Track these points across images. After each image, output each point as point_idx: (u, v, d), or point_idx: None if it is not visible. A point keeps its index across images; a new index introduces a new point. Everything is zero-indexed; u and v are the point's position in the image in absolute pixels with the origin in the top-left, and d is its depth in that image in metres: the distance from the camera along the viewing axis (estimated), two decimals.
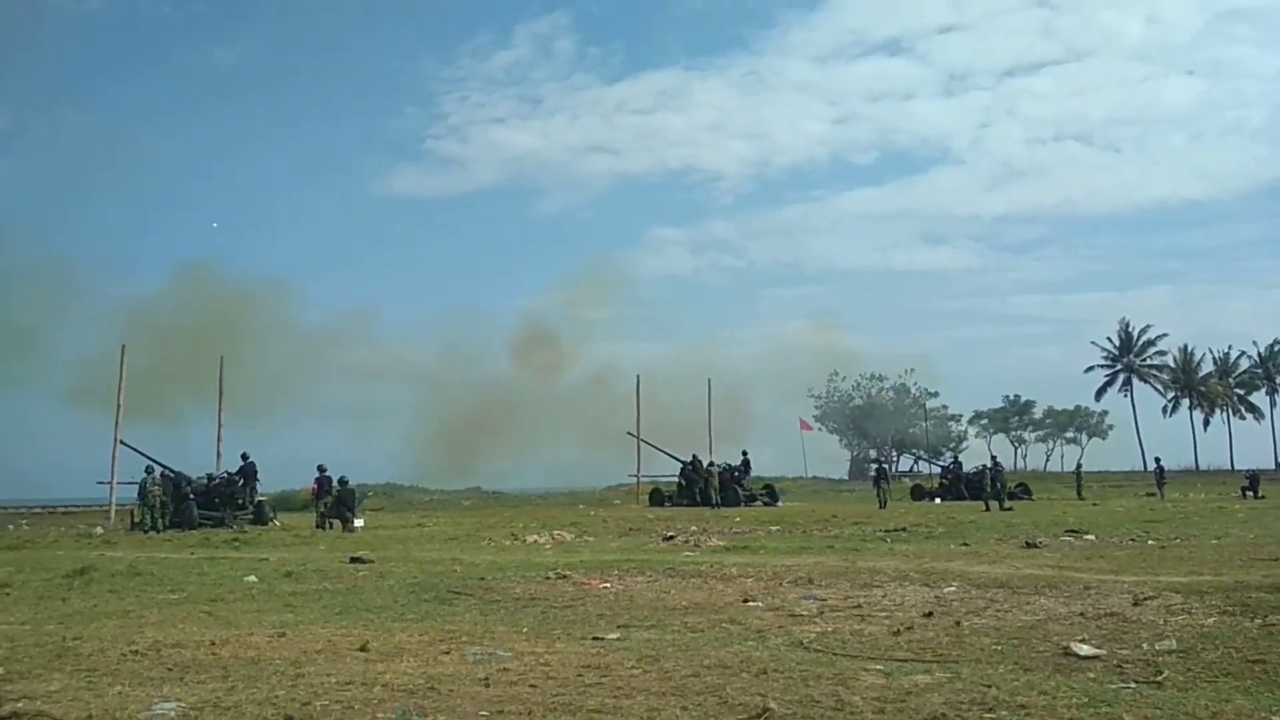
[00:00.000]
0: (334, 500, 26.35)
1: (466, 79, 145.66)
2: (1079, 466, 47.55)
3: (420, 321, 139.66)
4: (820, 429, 79.73)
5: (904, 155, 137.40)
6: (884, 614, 8.68)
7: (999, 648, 6.99)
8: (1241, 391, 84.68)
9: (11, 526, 30.18)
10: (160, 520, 26.49)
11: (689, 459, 40.70)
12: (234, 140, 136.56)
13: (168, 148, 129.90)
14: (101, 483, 30.43)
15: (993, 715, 5.16)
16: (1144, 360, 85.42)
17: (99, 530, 26.53)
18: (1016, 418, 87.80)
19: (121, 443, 29.76)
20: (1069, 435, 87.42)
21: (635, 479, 43.17)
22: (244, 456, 29.97)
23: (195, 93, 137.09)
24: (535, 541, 19.13)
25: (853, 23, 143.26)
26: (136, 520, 27.44)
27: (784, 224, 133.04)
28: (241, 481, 29.02)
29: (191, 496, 27.87)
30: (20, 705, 5.59)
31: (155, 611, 9.53)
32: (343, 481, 26.81)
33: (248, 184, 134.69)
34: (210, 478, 29.40)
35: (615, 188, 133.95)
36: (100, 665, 6.78)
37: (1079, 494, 40.73)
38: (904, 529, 20.19)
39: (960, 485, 41.88)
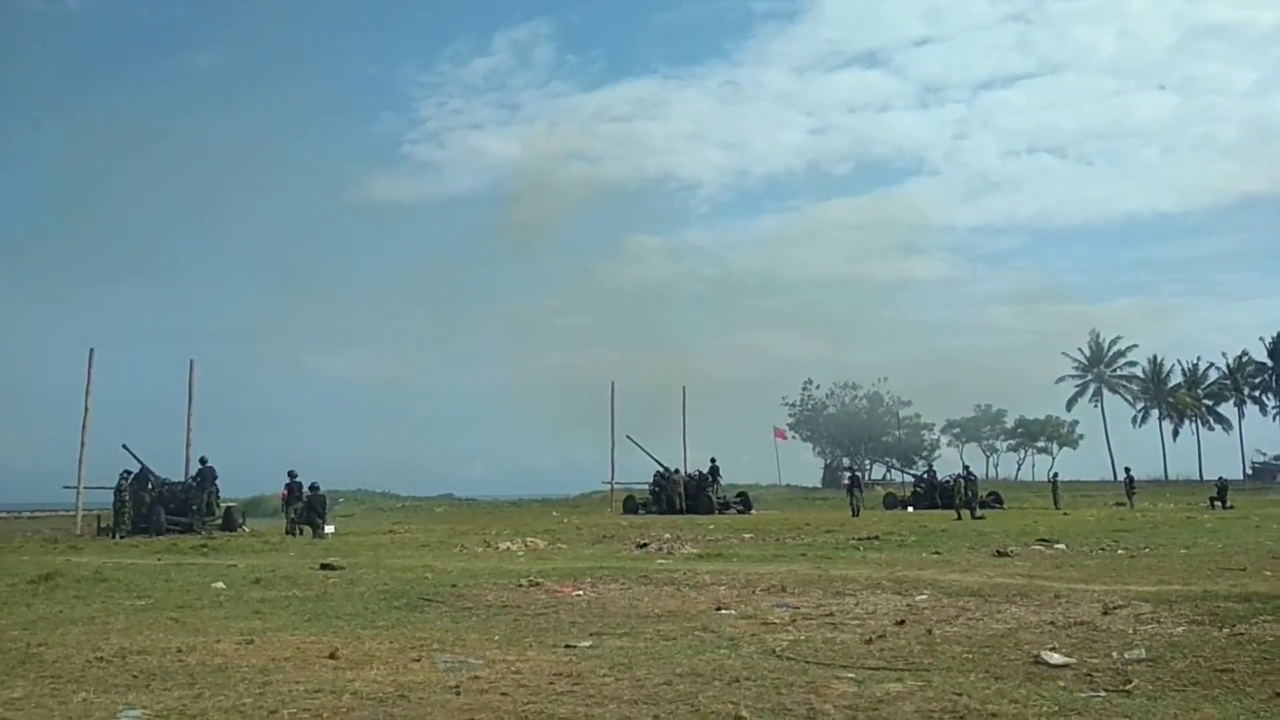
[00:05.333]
0: (304, 506, 26.12)
1: (445, 84, 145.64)
2: (1055, 477, 47.83)
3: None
4: (794, 437, 79.86)
5: (880, 166, 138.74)
6: (856, 622, 8.70)
7: (970, 656, 7.01)
8: (1210, 402, 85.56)
9: None
10: (123, 526, 26.16)
11: (672, 467, 40.68)
12: (212, 143, 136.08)
13: (145, 150, 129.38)
14: (68, 487, 29.98)
15: None
16: (1114, 371, 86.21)
17: (78, 533, 26.32)
18: (988, 427, 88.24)
19: (124, 447, 29.37)
20: (1040, 444, 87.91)
21: (609, 486, 43.04)
22: (202, 460, 29.61)
23: (174, 96, 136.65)
24: (508, 548, 19.04)
25: (831, 35, 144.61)
26: (103, 525, 27.10)
27: (761, 233, 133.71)
28: (197, 486, 28.65)
29: (158, 502, 27.54)
30: None
31: (121, 618, 9.42)
32: (313, 488, 26.58)
33: (226, 187, 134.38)
34: (164, 482, 28.98)
35: (593, 195, 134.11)
36: (65, 672, 6.70)
37: (1056, 504, 40.95)
38: (876, 537, 20.25)
39: (934, 494, 42.07)
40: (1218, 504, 36.76)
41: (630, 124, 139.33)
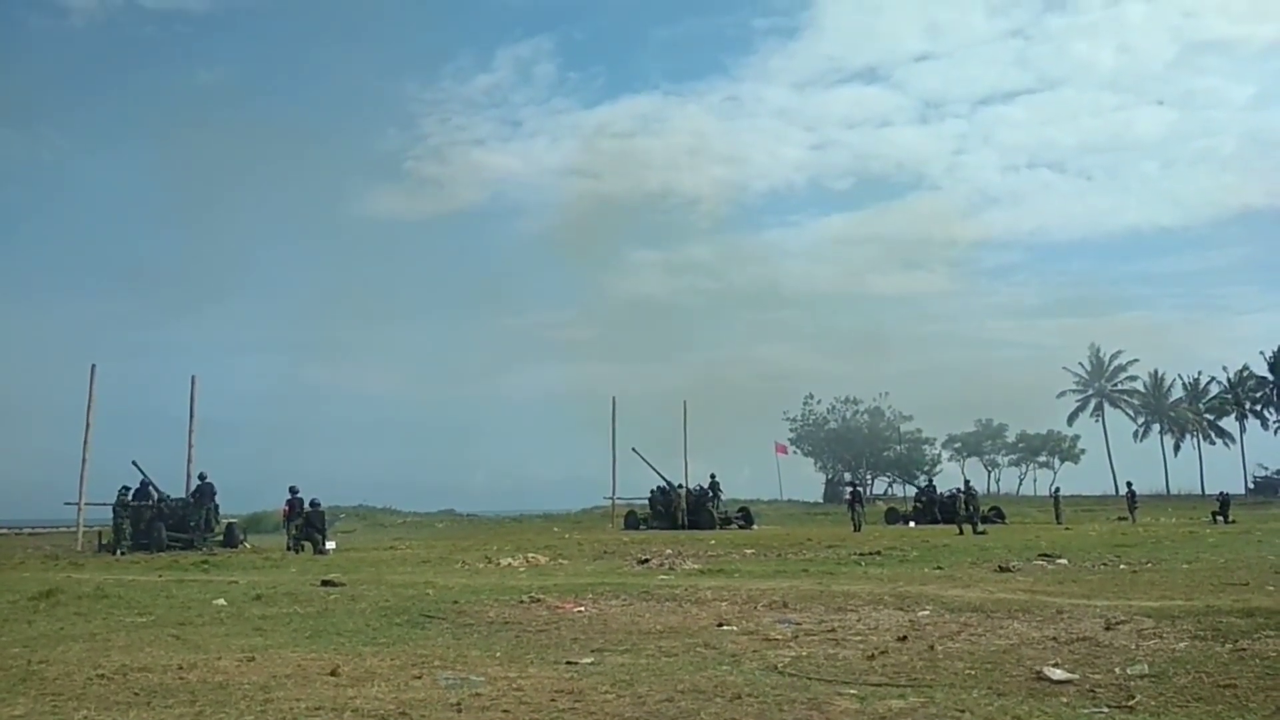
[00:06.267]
0: (303, 522, 26.08)
1: (447, 101, 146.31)
2: (1057, 491, 47.73)
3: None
4: (795, 452, 79.78)
5: (880, 181, 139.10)
6: (858, 638, 8.68)
7: (972, 672, 6.99)
8: (1211, 417, 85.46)
9: None
10: (124, 542, 26.12)
11: (675, 481, 40.65)
12: (215, 159, 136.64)
13: (147, 165, 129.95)
14: (69, 503, 29.96)
15: None
16: (1115, 385, 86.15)
17: (79, 549, 26.32)
18: (989, 441, 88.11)
19: (133, 463, 29.36)
20: (1041, 459, 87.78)
21: (611, 501, 42.96)
22: (201, 476, 29.60)
23: (177, 111, 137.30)
24: (509, 564, 19.00)
25: (831, 51, 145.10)
26: (104, 542, 27.06)
27: (761, 248, 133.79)
28: (195, 502, 28.62)
29: (158, 518, 27.50)
30: None
31: (122, 635, 9.40)
32: (313, 504, 26.54)
33: (228, 203, 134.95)
34: (165, 499, 28.94)
35: (594, 210, 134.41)
36: (66, 689, 6.69)
37: (1057, 519, 40.85)
38: (878, 552, 20.21)
39: (934, 508, 41.98)
40: (1220, 518, 36.67)
41: (631, 140, 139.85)
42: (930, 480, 58.50)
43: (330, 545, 25.66)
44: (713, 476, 40.23)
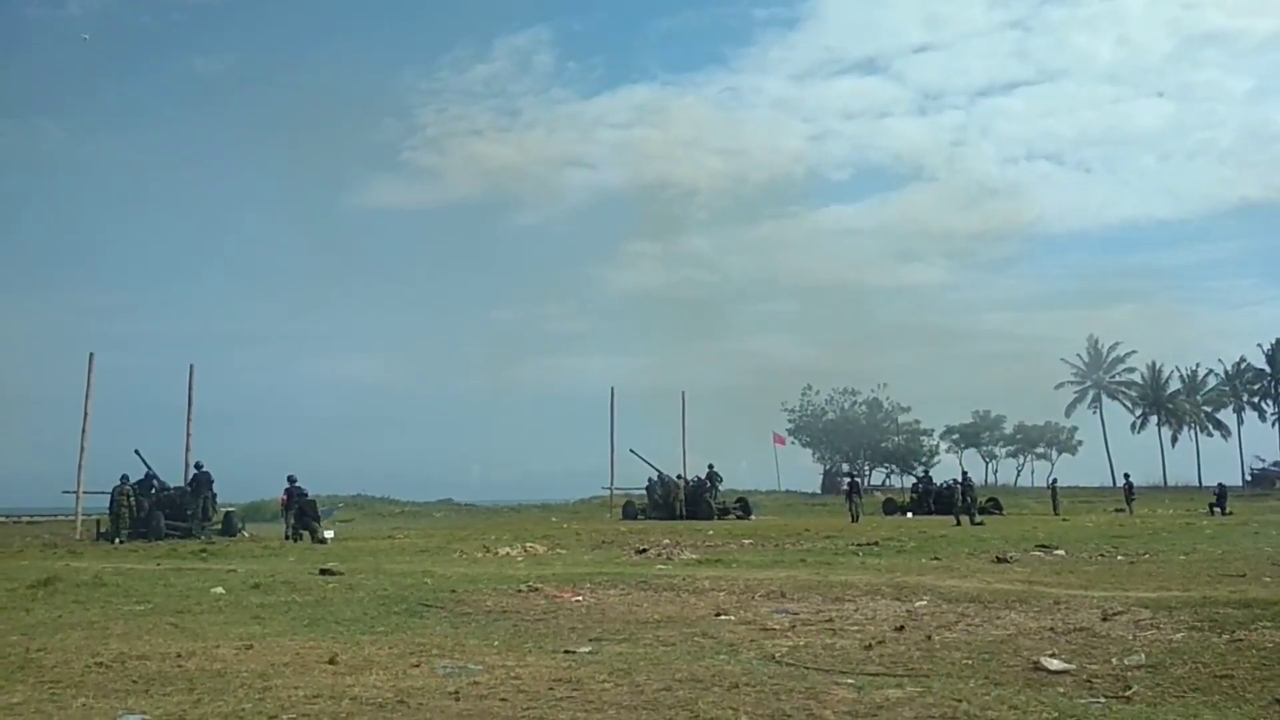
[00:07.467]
0: (297, 511, 26.08)
1: (445, 91, 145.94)
2: (1054, 483, 47.76)
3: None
4: (794, 442, 79.89)
5: (879, 172, 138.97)
6: (856, 628, 8.70)
7: (969, 662, 7.01)
8: (1209, 409, 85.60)
9: None
10: (122, 531, 26.14)
11: (673, 473, 40.70)
12: (212, 148, 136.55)
13: (144, 155, 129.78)
14: (68, 492, 29.96)
15: None
16: (1113, 377, 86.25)
17: (78, 538, 26.37)
18: (987, 433, 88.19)
19: (135, 452, 29.36)
20: (1039, 451, 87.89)
21: (609, 491, 43.00)
22: (198, 465, 29.61)
23: (174, 101, 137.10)
24: (507, 554, 19.02)
25: (830, 42, 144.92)
26: (102, 531, 27.08)
27: (759, 239, 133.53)
28: (192, 491, 28.63)
29: (157, 507, 27.51)
30: None
31: (120, 623, 9.41)
32: (301, 493, 26.56)
33: (225, 193, 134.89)
34: (164, 488, 28.92)
35: (591, 201, 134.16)
36: (64, 677, 6.70)
37: (1055, 510, 40.91)
38: (876, 543, 20.24)
39: (931, 500, 42.01)
40: (1217, 510, 36.74)
41: (629, 130, 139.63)
42: (927, 471, 58.56)
43: (329, 534, 25.68)
44: (710, 467, 40.29)
